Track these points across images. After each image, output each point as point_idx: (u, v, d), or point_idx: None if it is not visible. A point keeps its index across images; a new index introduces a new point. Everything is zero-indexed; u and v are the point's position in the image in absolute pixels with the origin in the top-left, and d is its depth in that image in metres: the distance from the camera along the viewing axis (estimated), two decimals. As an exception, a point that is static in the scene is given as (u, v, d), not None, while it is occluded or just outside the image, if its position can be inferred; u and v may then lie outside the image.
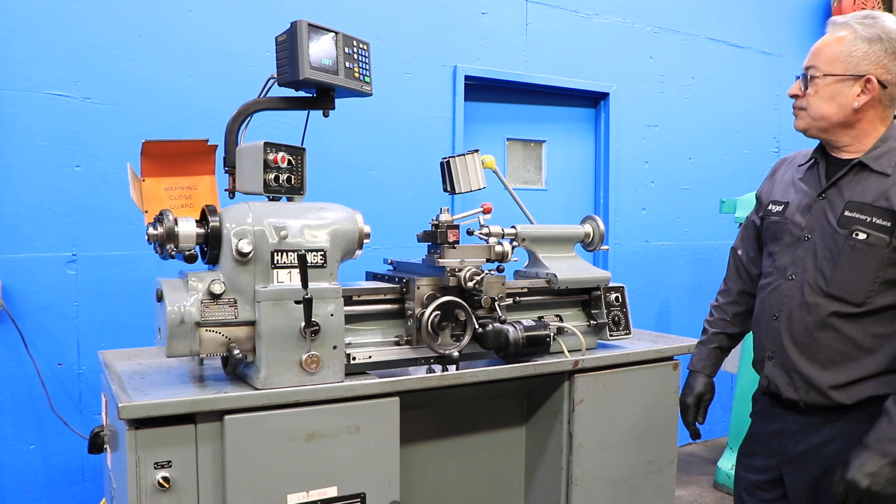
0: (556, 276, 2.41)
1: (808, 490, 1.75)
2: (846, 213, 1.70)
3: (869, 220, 1.66)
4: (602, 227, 2.62)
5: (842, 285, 1.68)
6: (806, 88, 1.74)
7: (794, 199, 1.84)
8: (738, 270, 2.11)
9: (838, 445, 1.70)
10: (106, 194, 3.00)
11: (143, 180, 2.24)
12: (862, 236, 1.66)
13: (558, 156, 4.42)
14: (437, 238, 2.25)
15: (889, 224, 1.64)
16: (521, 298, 2.39)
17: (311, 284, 1.87)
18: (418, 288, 2.16)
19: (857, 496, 1.56)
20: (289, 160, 2.04)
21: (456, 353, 2.14)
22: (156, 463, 1.72)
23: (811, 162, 1.85)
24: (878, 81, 1.67)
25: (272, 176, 2.02)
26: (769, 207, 1.91)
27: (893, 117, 1.77)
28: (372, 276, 2.42)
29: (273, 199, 2.06)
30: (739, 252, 2.11)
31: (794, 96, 1.78)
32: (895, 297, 1.66)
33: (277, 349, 1.86)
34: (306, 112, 2.28)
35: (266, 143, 2.00)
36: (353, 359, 2.05)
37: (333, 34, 2.10)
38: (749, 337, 2.11)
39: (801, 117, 1.78)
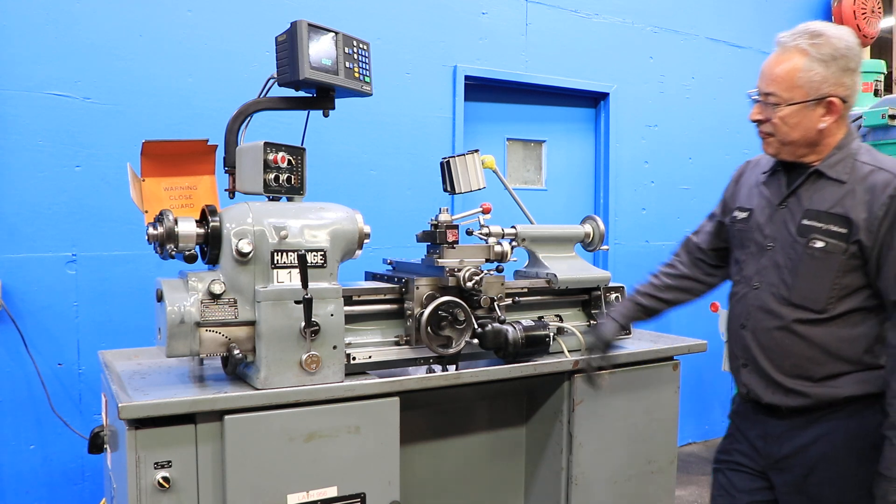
0: (556, 276, 2.41)
1: (795, 491, 1.75)
2: (804, 221, 1.71)
3: (825, 227, 1.67)
4: (602, 227, 2.62)
5: (803, 293, 1.69)
6: (768, 114, 1.74)
7: (757, 206, 1.84)
8: (689, 254, 2.11)
9: (822, 447, 1.71)
10: (106, 194, 3.00)
11: (143, 180, 2.24)
12: (819, 244, 1.67)
13: (558, 156, 4.42)
14: (436, 238, 2.25)
15: (845, 231, 1.64)
16: (521, 298, 2.39)
17: (311, 284, 1.87)
18: (417, 288, 2.16)
19: None
20: (289, 160, 2.04)
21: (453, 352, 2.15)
22: (156, 463, 1.72)
23: (774, 168, 1.85)
24: (840, 99, 1.68)
25: (272, 176, 2.02)
26: (735, 214, 1.92)
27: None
28: (371, 276, 2.42)
29: (273, 199, 2.06)
30: (694, 239, 2.12)
31: (757, 122, 1.77)
32: (856, 302, 1.67)
33: (277, 349, 1.86)
34: (306, 112, 2.28)
35: (266, 143, 2.00)
36: (353, 359, 2.05)
37: (333, 34, 2.10)
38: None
39: (770, 143, 1.78)
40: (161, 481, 1.72)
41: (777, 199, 1.80)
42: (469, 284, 2.19)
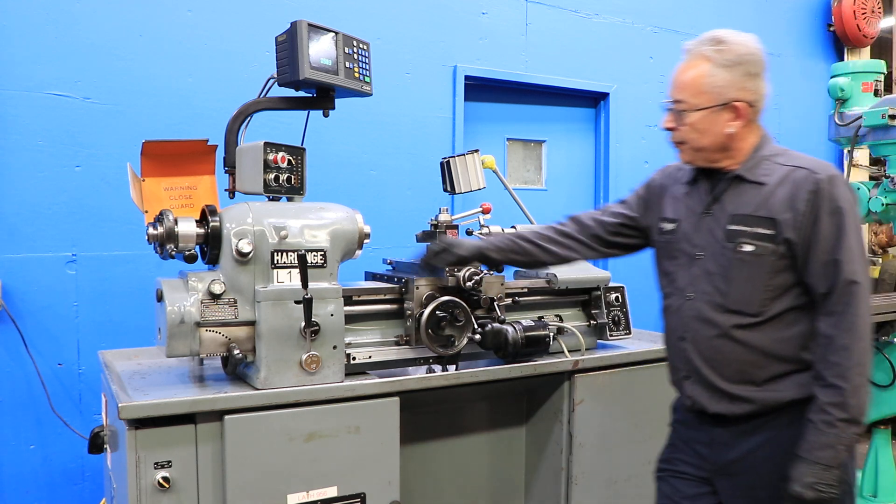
0: (556, 276, 2.41)
1: (741, 495, 1.75)
2: (730, 226, 1.72)
3: (752, 230, 1.68)
4: (602, 227, 2.62)
5: (737, 299, 1.70)
6: (678, 122, 1.76)
7: (683, 217, 1.84)
8: (582, 225, 2.07)
9: (768, 451, 1.71)
10: (106, 194, 3.00)
11: (143, 180, 2.24)
12: (748, 248, 1.68)
13: (558, 156, 4.42)
14: (436, 238, 2.25)
15: (772, 232, 1.66)
16: (521, 298, 2.39)
17: (311, 284, 1.87)
18: (417, 288, 2.16)
19: None
20: (289, 160, 2.04)
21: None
22: (156, 463, 1.72)
23: (694, 176, 1.85)
24: (745, 103, 1.70)
25: (272, 176, 2.02)
26: (662, 225, 1.90)
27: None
28: (371, 276, 2.42)
29: (273, 199, 2.06)
30: (598, 216, 2.07)
31: (669, 129, 1.80)
32: (790, 301, 1.68)
33: (277, 349, 1.86)
34: (306, 112, 2.28)
35: (266, 143, 2.00)
36: (353, 359, 2.05)
37: (333, 34, 2.10)
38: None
39: (683, 151, 1.80)
40: (161, 481, 1.72)
41: (701, 208, 1.80)
42: (469, 284, 2.19)
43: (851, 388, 1.59)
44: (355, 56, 2.16)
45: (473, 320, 2.18)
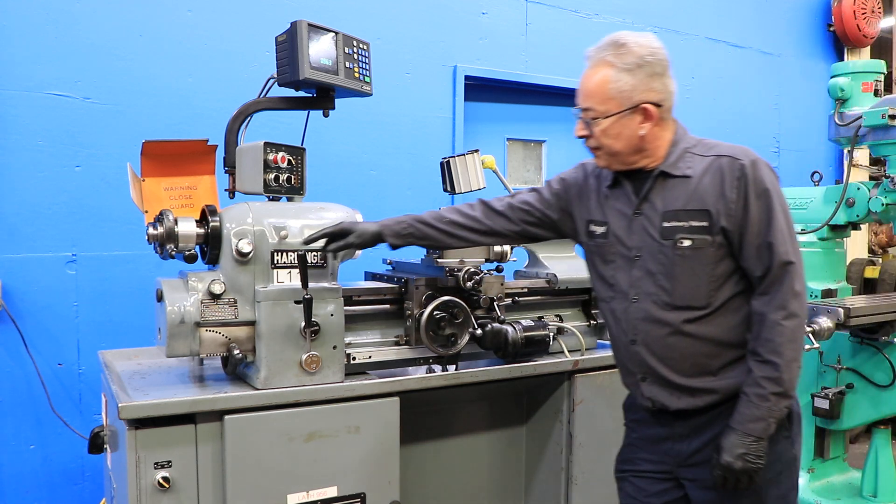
0: (556, 276, 2.41)
1: (708, 485, 1.75)
2: (664, 223, 1.72)
3: (688, 224, 1.69)
4: (602, 227, 2.62)
5: (683, 294, 1.70)
6: (590, 130, 1.75)
7: (612, 219, 1.83)
8: (491, 209, 2.00)
9: None
10: (106, 194, 3.00)
11: (143, 180, 2.24)
12: (687, 243, 1.68)
13: (558, 156, 4.42)
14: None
15: (707, 224, 1.67)
16: (521, 298, 2.39)
17: (310, 284, 1.87)
18: (417, 288, 2.16)
19: (734, 477, 1.64)
20: (289, 160, 2.04)
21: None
22: (156, 463, 1.72)
23: (615, 176, 1.84)
24: (653, 104, 1.70)
25: (272, 176, 2.02)
26: (591, 229, 1.89)
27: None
28: (371, 276, 2.42)
29: (273, 199, 2.06)
30: (510, 201, 2.01)
31: (583, 137, 1.79)
32: (733, 288, 1.70)
33: (277, 349, 1.86)
34: (306, 112, 2.28)
35: (266, 143, 2.00)
36: (353, 359, 2.05)
37: (333, 34, 2.10)
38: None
39: (599, 157, 1.79)
40: (161, 481, 1.72)
41: (630, 209, 1.79)
42: (469, 284, 2.19)
43: (784, 363, 1.62)
44: (355, 56, 2.16)
45: (473, 320, 2.18)
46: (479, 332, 2.18)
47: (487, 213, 2.01)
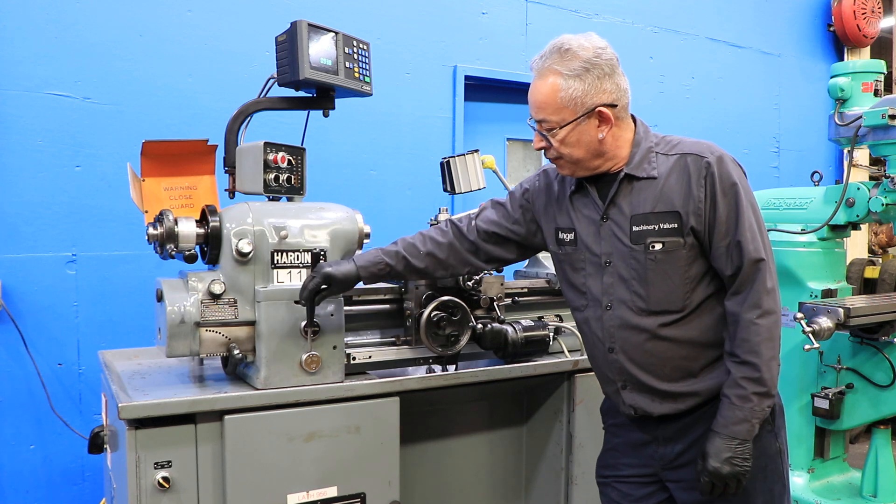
0: (555, 276, 2.41)
1: (693, 486, 1.73)
2: (634, 227, 1.69)
3: (657, 227, 1.66)
4: (602, 227, 2.61)
5: (659, 299, 1.68)
6: (549, 142, 1.72)
7: (579, 226, 1.79)
8: (461, 234, 1.94)
9: None
10: (106, 194, 3.00)
11: (143, 180, 2.24)
12: (658, 246, 1.66)
13: (558, 156, 4.41)
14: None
15: (676, 225, 1.64)
16: (521, 298, 2.39)
17: (310, 284, 1.87)
18: (417, 288, 2.16)
19: (723, 482, 1.62)
20: (289, 160, 2.04)
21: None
22: (156, 463, 1.72)
23: (579, 185, 1.80)
24: (607, 106, 1.66)
25: (272, 176, 2.02)
26: (559, 236, 1.85)
27: (632, 119, 1.77)
28: (372, 276, 2.42)
29: (273, 199, 2.06)
30: (477, 223, 1.95)
31: (542, 149, 1.76)
32: (708, 288, 1.68)
33: (277, 349, 1.86)
34: (306, 112, 2.28)
35: (266, 143, 2.00)
36: (353, 359, 2.05)
37: (333, 34, 2.10)
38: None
39: (562, 166, 1.76)
40: (161, 481, 1.72)
41: (597, 214, 1.75)
42: (468, 284, 2.19)
43: (763, 362, 1.60)
44: (355, 56, 2.16)
45: (473, 320, 2.18)
46: (478, 332, 2.18)
47: (460, 239, 1.95)
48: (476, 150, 2.52)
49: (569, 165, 1.74)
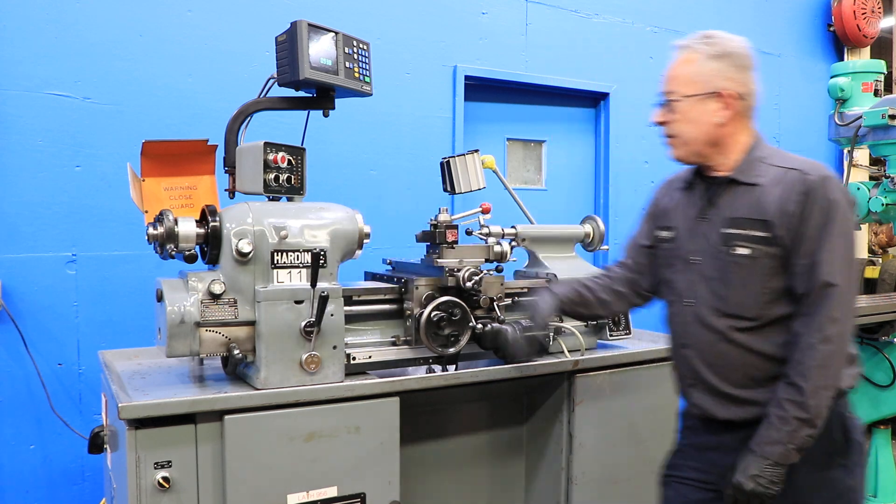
0: (556, 275, 2.41)
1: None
2: (725, 230, 1.72)
3: (747, 233, 1.68)
4: (602, 227, 2.62)
5: (735, 303, 1.70)
6: (668, 114, 1.78)
7: (680, 223, 1.85)
8: (623, 272, 2.08)
9: None
10: (106, 194, 3.00)
11: (143, 180, 2.24)
12: (743, 251, 1.68)
13: (558, 156, 4.42)
14: (435, 238, 2.25)
15: (767, 235, 1.66)
16: (521, 298, 2.39)
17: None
18: (417, 288, 2.16)
19: (744, 497, 1.62)
20: (289, 160, 2.04)
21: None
22: (156, 463, 1.72)
23: (689, 183, 1.86)
24: (734, 93, 1.71)
25: (272, 176, 2.02)
26: (658, 234, 1.92)
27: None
28: (371, 276, 2.42)
29: (273, 199, 2.06)
30: (629, 273, 2.08)
31: (661, 124, 1.81)
32: (788, 307, 1.67)
33: (277, 349, 1.86)
34: (306, 112, 2.28)
35: (266, 143, 2.00)
36: (353, 359, 2.05)
37: (333, 34, 2.10)
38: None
39: (674, 146, 1.81)
40: (161, 481, 1.72)
41: (696, 213, 1.80)
42: (468, 284, 2.19)
43: (811, 388, 1.58)
44: (355, 56, 2.16)
45: (473, 320, 2.18)
46: (478, 332, 2.18)
47: (624, 278, 2.07)
48: (476, 150, 2.52)
49: (681, 146, 1.79)
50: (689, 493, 1.87)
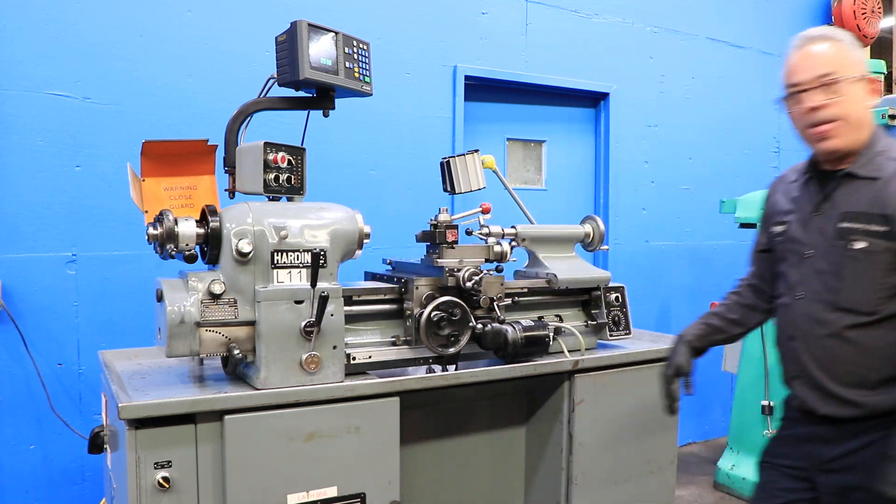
0: (556, 276, 2.41)
1: (839, 493, 1.75)
2: (842, 224, 1.71)
3: (865, 227, 1.67)
4: (602, 227, 2.62)
5: (850, 297, 1.68)
6: (830, 95, 1.71)
7: (793, 217, 1.85)
8: (748, 285, 2.08)
9: (869, 453, 1.70)
10: (106, 194, 3.00)
11: (143, 180, 2.24)
12: (860, 245, 1.67)
13: (558, 156, 4.42)
14: (435, 238, 2.25)
15: (886, 229, 1.64)
16: (521, 298, 2.39)
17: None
18: (417, 288, 2.16)
19: None
20: (289, 160, 2.04)
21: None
22: (156, 463, 1.72)
23: (805, 178, 1.86)
24: (878, 81, 1.72)
25: (272, 176, 2.02)
26: (772, 229, 1.92)
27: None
28: (371, 276, 2.42)
29: (273, 199, 2.06)
30: (753, 280, 2.07)
31: (818, 108, 1.72)
32: None
33: (277, 349, 1.86)
34: (306, 112, 2.28)
35: (266, 143, 2.00)
36: (353, 359, 2.05)
37: (333, 34, 2.10)
38: (750, 337, 2.07)
39: (835, 133, 1.72)
40: (161, 481, 1.72)
41: (811, 207, 1.80)
42: (468, 284, 2.19)
43: None
44: (355, 56, 2.16)
45: (473, 320, 2.18)
46: (478, 332, 2.18)
47: (751, 290, 2.05)
48: (476, 150, 2.52)
49: (843, 132, 1.73)
50: (780, 479, 1.89)
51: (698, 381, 2.14)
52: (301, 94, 2.21)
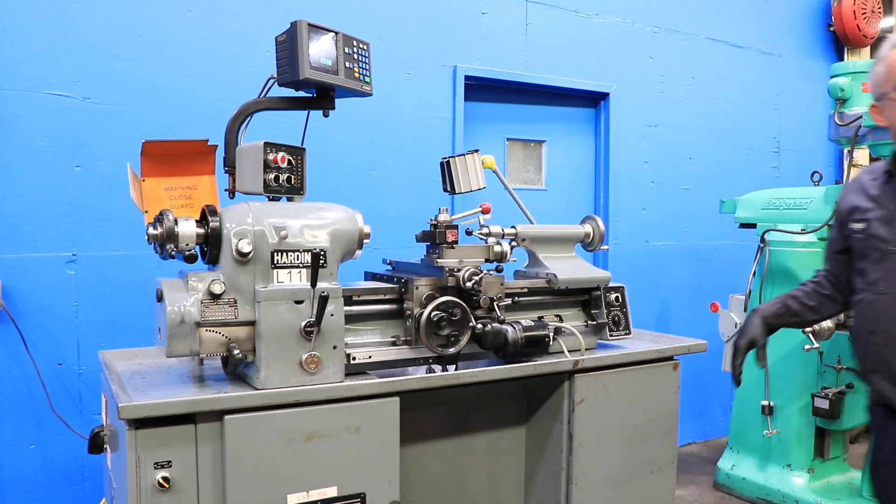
0: (556, 276, 2.41)
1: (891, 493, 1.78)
2: None
3: None
4: (602, 227, 2.62)
5: None
6: None
7: (874, 215, 1.86)
8: (826, 279, 2.11)
9: None
10: (106, 194, 3.00)
11: (143, 180, 2.24)
12: None
13: (558, 156, 4.42)
14: (435, 238, 2.25)
15: None
16: (521, 298, 2.39)
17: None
18: (417, 288, 2.16)
19: None
20: (289, 160, 2.04)
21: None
22: (156, 463, 1.72)
23: (886, 176, 1.87)
24: None
25: (272, 176, 2.02)
26: (851, 226, 1.93)
27: None
28: (371, 276, 2.42)
29: (273, 199, 2.06)
30: (827, 267, 2.10)
31: None
32: None
33: (277, 349, 1.86)
34: (306, 112, 2.28)
35: (266, 143, 2.00)
36: (353, 359, 2.05)
37: (333, 34, 2.10)
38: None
39: None
40: (161, 481, 1.72)
41: (894, 204, 1.81)
42: (468, 284, 2.19)
43: None
44: (355, 56, 2.16)
45: (473, 320, 2.18)
46: (478, 332, 2.18)
47: (829, 283, 2.08)
48: (476, 150, 2.52)
49: None
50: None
51: (697, 381, 2.14)
52: (301, 94, 2.21)
